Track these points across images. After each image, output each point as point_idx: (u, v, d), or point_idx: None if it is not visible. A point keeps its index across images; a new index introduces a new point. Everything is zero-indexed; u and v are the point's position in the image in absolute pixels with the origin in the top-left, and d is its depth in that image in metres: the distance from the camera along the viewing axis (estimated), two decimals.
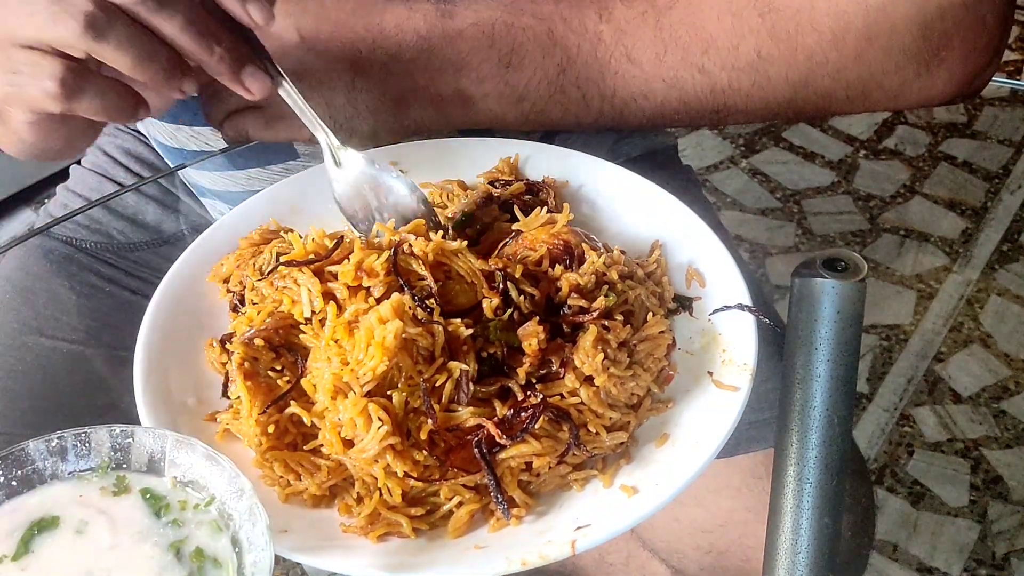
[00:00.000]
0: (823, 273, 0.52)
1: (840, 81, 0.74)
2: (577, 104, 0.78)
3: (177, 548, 0.53)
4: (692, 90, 0.75)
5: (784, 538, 0.54)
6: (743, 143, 2.34)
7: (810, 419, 0.53)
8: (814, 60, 0.73)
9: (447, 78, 0.77)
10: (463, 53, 0.77)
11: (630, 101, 0.77)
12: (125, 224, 1.00)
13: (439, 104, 0.78)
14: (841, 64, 0.73)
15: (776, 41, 0.73)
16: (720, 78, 0.74)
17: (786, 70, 0.74)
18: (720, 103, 0.76)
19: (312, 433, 0.64)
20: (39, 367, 0.90)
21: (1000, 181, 2.23)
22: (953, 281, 1.99)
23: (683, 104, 0.76)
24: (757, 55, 0.73)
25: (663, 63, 0.75)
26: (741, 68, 0.74)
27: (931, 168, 2.26)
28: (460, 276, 0.67)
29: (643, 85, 0.76)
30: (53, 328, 0.92)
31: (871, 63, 0.73)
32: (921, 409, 1.75)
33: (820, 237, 2.10)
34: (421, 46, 0.77)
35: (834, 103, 0.76)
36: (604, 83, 0.76)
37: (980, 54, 0.73)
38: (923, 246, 2.07)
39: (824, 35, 0.72)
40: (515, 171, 0.81)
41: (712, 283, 0.72)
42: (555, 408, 0.63)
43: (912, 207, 2.17)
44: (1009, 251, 2.06)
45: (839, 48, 0.72)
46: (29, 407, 0.88)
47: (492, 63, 0.77)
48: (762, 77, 0.74)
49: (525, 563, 0.58)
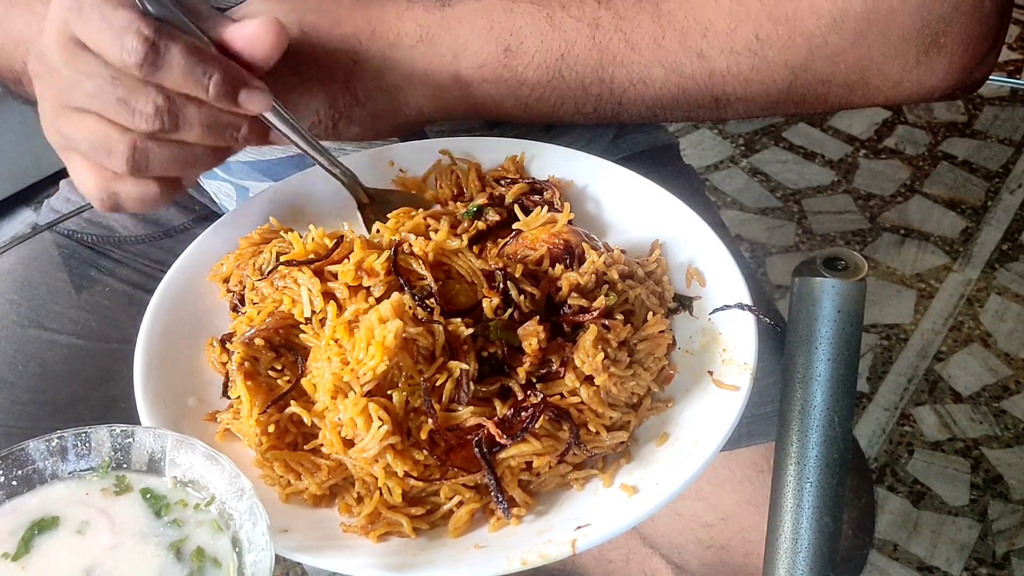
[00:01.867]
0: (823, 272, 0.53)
1: (839, 65, 0.74)
2: (576, 90, 0.78)
3: (177, 548, 0.53)
4: (691, 75, 0.76)
5: (784, 537, 0.54)
6: (743, 142, 2.34)
7: (810, 418, 0.53)
8: (813, 43, 0.73)
9: (446, 63, 0.78)
10: (462, 38, 0.77)
11: (628, 87, 0.77)
12: (126, 217, 1.00)
13: (438, 90, 0.79)
14: (840, 47, 0.73)
15: (775, 23, 0.73)
16: (719, 62, 0.75)
17: (785, 53, 0.74)
18: (719, 89, 0.76)
19: (312, 433, 0.64)
20: (39, 360, 0.90)
21: (1000, 180, 2.23)
22: (953, 280, 1.99)
23: (682, 90, 0.77)
24: (755, 37, 0.74)
25: (661, 48, 0.75)
26: (739, 52, 0.74)
27: (931, 167, 2.26)
28: (460, 275, 0.67)
29: (642, 70, 0.76)
30: (53, 321, 0.92)
31: (870, 46, 0.73)
32: (921, 408, 1.75)
33: (820, 236, 2.10)
34: (420, 34, 0.78)
35: (833, 90, 0.76)
36: (603, 68, 0.77)
37: (979, 41, 0.74)
38: (923, 245, 2.07)
39: (823, 18, 0.72)
40: (520, 170, 0.81)
41: (712, 282, 0.72)
42: (555, 407, 0.63)
43: (912, 206, 2.17)
44: (1009, 250, 2.06)
45: (838, 31, 0.72)
46: (30, 400, 0.88)
47: (491, 48, 0.77)
48: (761, 60, 0.74)
49: (525, 562, 0.58)
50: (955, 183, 2.22)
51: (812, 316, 0.53)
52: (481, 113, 0.81)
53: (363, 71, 0.78)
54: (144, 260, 0.99)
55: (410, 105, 0.80)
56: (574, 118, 0.81)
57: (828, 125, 2.38)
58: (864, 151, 2.31)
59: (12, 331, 0.91)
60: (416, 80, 0.78)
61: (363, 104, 0.79)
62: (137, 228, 1.00)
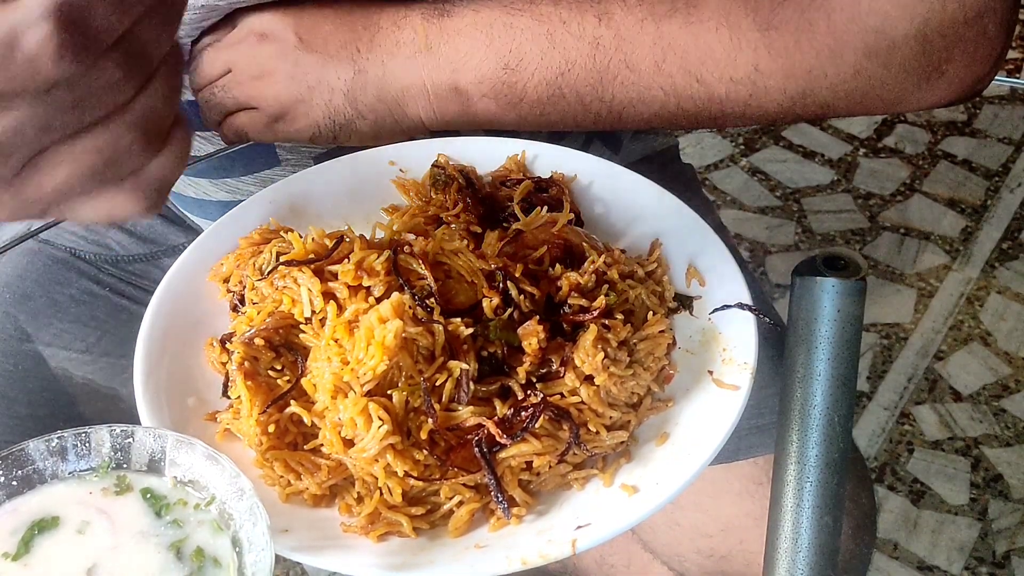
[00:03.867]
0: (823, 271, 0.53)
1: (838, 93, 0.74)
2: (575, 107, 0.78)
3: (177, 548, 0.53)
4: (689, 98, 0.76)
5: (785, 537, 0.55)
6: (743, 142, 2.34)
7: (810, 418, 0.53)
8: (812, 75, 0.73)
9: (445, 76, 0.78)
10: (462, 51, 0.77)
11: (628, 105, 0.77)
12: (123, 236, 1.00)
13: (438, 103, 0.79)
14: (839, 79, 0.73)
15: (774, 56, 0.73)
16: (717, 89, 0.75)
17: (784, 83, 0.74)
18: (718, 111, 0.76)
19: (312, 433, 0.64)
20: (37, 374, 0.90)
21: (1000, 179, 2.23)
22: (953, 279, 1.99)
23: (681, 110, 0.77)
24: (755, 68, 0.74)
25: (661, 71, 0.75)
26: (739, 80, 0.74)
27: (931, 166, 2.26)
28: (460, 275, 0.67)
29: (641, 91, 0.76)
30: (51, 336, 0.92)
31: (870, 77, 0.73)
32: (921, 407, 1.75)
33: (820, 236, 2.10)
34: (419, 43, 0.78)
35: (832, 112, 0.76)
36: (602, 88, 0.77)
37: (982, 64, 0.73)
38: (923, 244, 2.07)
39: (822, 52, 0.72)
40: (523, 169, 0.81)
41: (712, 282, 0.72)
42: (555, 407, 0.63)
43: (912, 205, 2.17)
44: (1009, 249, 2.06)
45: (837, 63, 0.72)
46: (28, 415, 0.88)
47: (490, 64, 0.77)
48: (760, 90, 0.74)
49: (525, 562, 0.58)
50: (955, 182, 2.22)
51: (812, 315, 0.53)
52: (481, 126, 0.81)
53: (364, 81, 0.78)
54: (143, 279, 0.98)
55: (410, 117, 0.80)
56: (574, 130, 0.81)
57: (828, 124, 2.38)
58: (864, 150, 2.31)
59: (10, 345, 0.90)
60: (416, 91, 0.78)
61: (364, 116, 0.79)
62: (134, 247, 1.00)
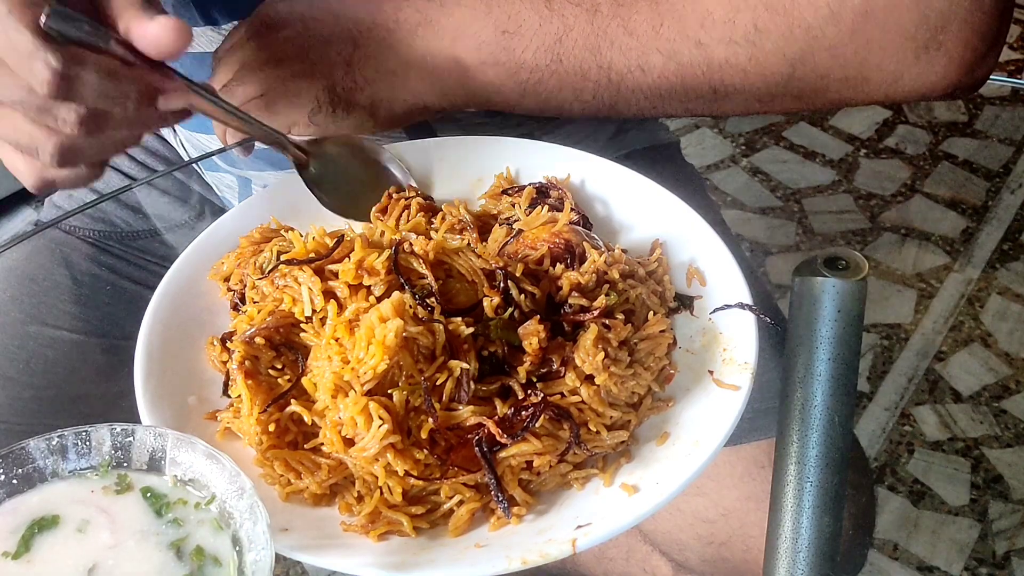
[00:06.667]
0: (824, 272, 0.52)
1: (837, 59, 0.75)
2: (574, 75, 0.78)
3: (178, 547, 0.53)
4: (689, 63, 0.76)
5: (784, 537, 0.54)
6: (744, 142, 2.34)
7: (811, 418, 0.53)
8: (811, 34, 0.74)
9: (444, 47, 0.78)
10: (460, 21, 0.78)
11: (627, 73, 0.77)
12: (128, 213, 1.01)
13: (437, 75, 0.79)
14: (838, 39, 0.74)
15: (773, 14, 0.73)
16: (717, 51, 0.75)
17: (783, 44, 0.74)
18: (717, 79, 0.76)
19: (313, 432, 0.64)
20: (41, 357, 0.90)
21: (1001, 180, 2.23)
22: (954, 280, 1.99)
23: (680, 79, 0.77)
24: (754, 27, 0.74)
25: (659, 35, 0.76)
26: (738, 41, 0.75)
27: (932, 167, 2.26)
28: (461, 274, 0.67)
29: (640, 56, 0.77)
30: (55, 318, 0.92)
31: (868, 40, 0.73)
32: (922, 408, 1.75)
33: (821, 236, 2.10)
34: (419, 19, 0.78)
35: (831, 84, 0.76)
36: (601, 54, 0.77)
37: (979, 40, 0.74)
38: (924, 245, 2.07)
39: (821, 10, 0.73)
40: (512, 182, 0.81)
41: (713, 282, 0.72)
42: (556, 407, 0.63)
43: (913, 206, 2.17)
44: (1010, 250, 2.06)
45: (836, 23, 0.73)
46: (31, 397, 0.88)
47: (490, 30, 0.78)
48: (759, 51, 0.75)
49: (525, 562, 0.58)
50: (956, 183, 2.22)
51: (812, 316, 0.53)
52: (480, 99, 0.81)
53: (363, 56, 0.79)
54: (146, 255, 0.99)
55: (409, 90, 0.80)
56: (572, 106, 0.81)
57: (829, 124, 2.38)
58: (865, 151, 2.31)
59: (14, 327, 0.91)
60: (415, 64, 0.79)
61: (362, 89, 0.80)
62: (138, 223, 1.01)
